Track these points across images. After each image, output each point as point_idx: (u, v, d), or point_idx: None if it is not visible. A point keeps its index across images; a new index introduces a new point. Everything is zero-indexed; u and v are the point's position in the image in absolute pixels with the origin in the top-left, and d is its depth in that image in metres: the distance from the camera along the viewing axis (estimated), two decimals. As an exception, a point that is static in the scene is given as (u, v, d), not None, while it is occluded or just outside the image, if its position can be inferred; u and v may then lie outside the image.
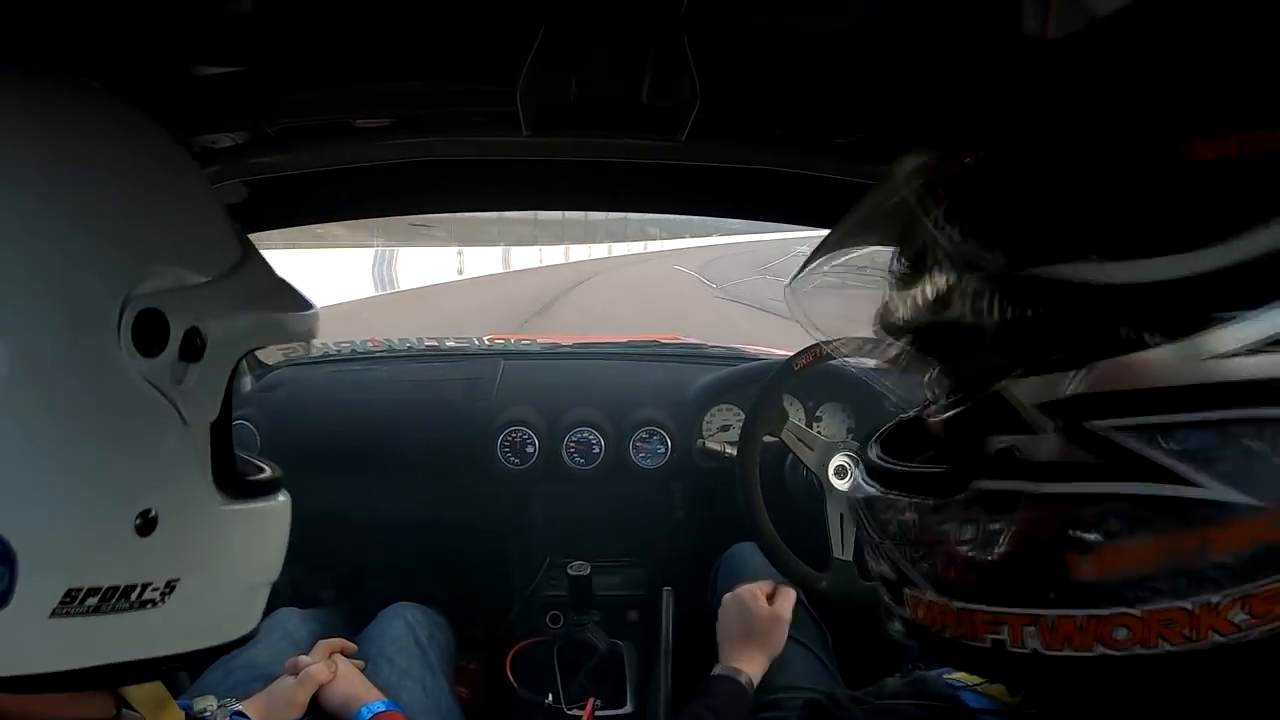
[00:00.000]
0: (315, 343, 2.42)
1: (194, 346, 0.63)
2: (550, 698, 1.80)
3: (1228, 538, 0.48)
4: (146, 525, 0.60)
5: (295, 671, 1.32)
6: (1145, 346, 0.48)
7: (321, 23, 0.96)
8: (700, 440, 2.10)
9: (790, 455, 1.86)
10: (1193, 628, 0.49)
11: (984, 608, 0.57)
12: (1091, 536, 0.51)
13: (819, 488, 1.61)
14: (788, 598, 1.49)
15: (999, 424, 0.54)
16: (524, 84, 1.03)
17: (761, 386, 1.63)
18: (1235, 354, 0.46)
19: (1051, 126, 0.57)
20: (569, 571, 1.86)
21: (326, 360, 2.37)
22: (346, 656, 1.44)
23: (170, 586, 0.63)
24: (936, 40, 0.94)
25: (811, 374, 1.67)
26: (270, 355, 2.32)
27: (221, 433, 0.68)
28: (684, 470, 2.12)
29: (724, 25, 0.96)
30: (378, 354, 2.42)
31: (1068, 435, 0.51)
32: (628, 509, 2.15)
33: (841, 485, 1.60)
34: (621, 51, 1.00)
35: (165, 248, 0.63)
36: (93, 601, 0.59)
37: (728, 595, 1.50)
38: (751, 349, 2.50)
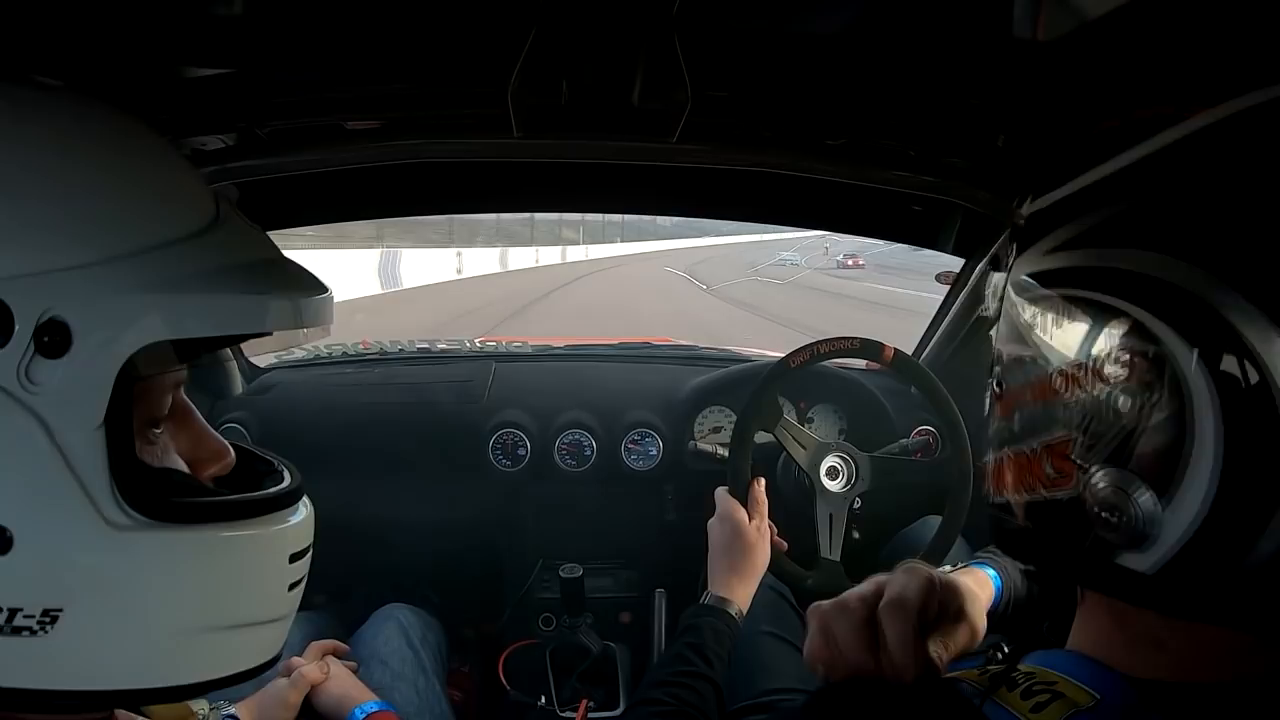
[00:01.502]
0: (306, 345, 2.41)
1: (54, 340, 0.54)
2: (543, 700, 1.80)
3: (1037, 393, 0.63)
4: (1, 544, 0.54)
5: (288, 673, 1.31)
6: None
7: (312, 25, 0.96)
8: (692, 442, 2.10)
9: (782, 456, 1.86)
10: (1031, 475, 0.63)
11: (986, 459, 0.71)
12: (998, 388, 0.69)
13: (810, 488, 1.61)
14: (761, 507, 1.48)
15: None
16: (515, 86, 1.03)
17: (757, 383, 1.63)
18: (1050, 251, 0.63)
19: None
20: (561, 574, 1.85)
21: (318, 363, 2.36)
22: (338, 658, 1.44)
23: (50, 616, 0.56)
24: (926, 43, 0.95)
25: (804, 375, 1.67)
26: (262, 358, 2.31)
27: (120, 440, 0.58)
28: (675, 472, 2.11)
29: (715, 28, 0.96)
30: (369, 356, 2.41)
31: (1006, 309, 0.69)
32: (619, 511, 2.14)
33: (833, 486, 1.60)
34: (612, 54, 1.00)
35: (11, 228, 0.55)
36: None
37: (712, 520, 1.47)
38: (743, 350, 2.51)
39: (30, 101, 0.61)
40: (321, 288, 0.68)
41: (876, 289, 26.54)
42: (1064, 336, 0.61)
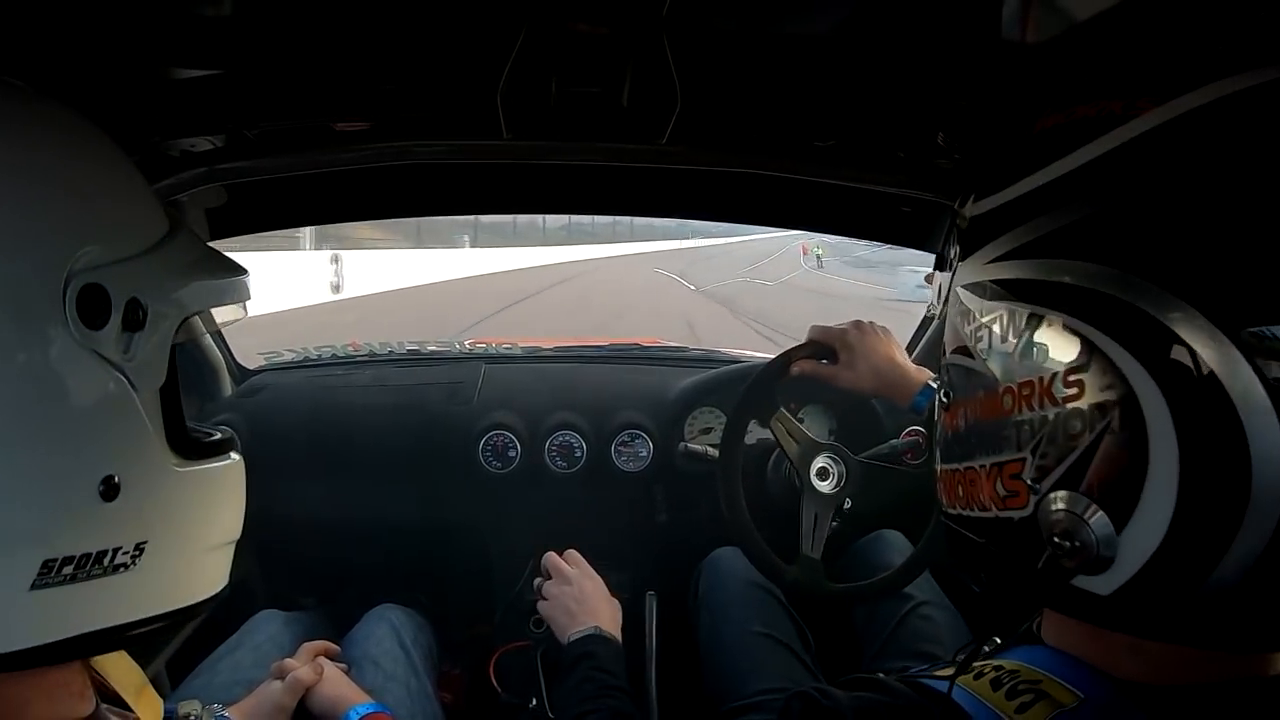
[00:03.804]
0: (296, 347, 2.41)
1: (136, 317, 0.65)
2: (534, 702, 1.79)
3: (985, 408, 0.62)
4: (110, 491, 0.63)
5: (281, 675, 1.31)
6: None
7: (301, 26, 0.95)
8: (682, 443, 2.10)
9: (774, 455, 1.87)
10: (982, 492, 0.63)
11: (938, 469, 0.72)
12: (945, 398, 0.69)
13: (798, 486, 1.61)
14: (572, 559, 1.51)
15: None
16: (504, 87, 1.03)
17: (754, 374, 1.63)
18: (994, 260, 0.62)
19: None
20: None
21: (308, 364, 2.35)
22: (330, 659, 1.43)
23: (139, 549, 0.66)
24: (915, 45, 0.95)
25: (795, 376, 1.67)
26: (251, 360, 2.30)
27: (171, 398, 0.71)
28: (666, 473, 2.11)
29: (705, 29, 0.96)
30: (359, 358, 2.40)
31: (951, 317, 0.69)
32: (610, 512, 2.13)
33: (822, 487, 1.60)
34: (602, 55, 1.00)
35: (96, 226, 0.65)
36: (69, 570, 0.61)
37: (541, 604, 1.45)
38: (732, 351, 2.51)
39: (68, 116, 0.69)
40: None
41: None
42: (1010, 352, 0.60)
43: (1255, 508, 0.49)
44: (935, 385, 1.31)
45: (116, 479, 0.64)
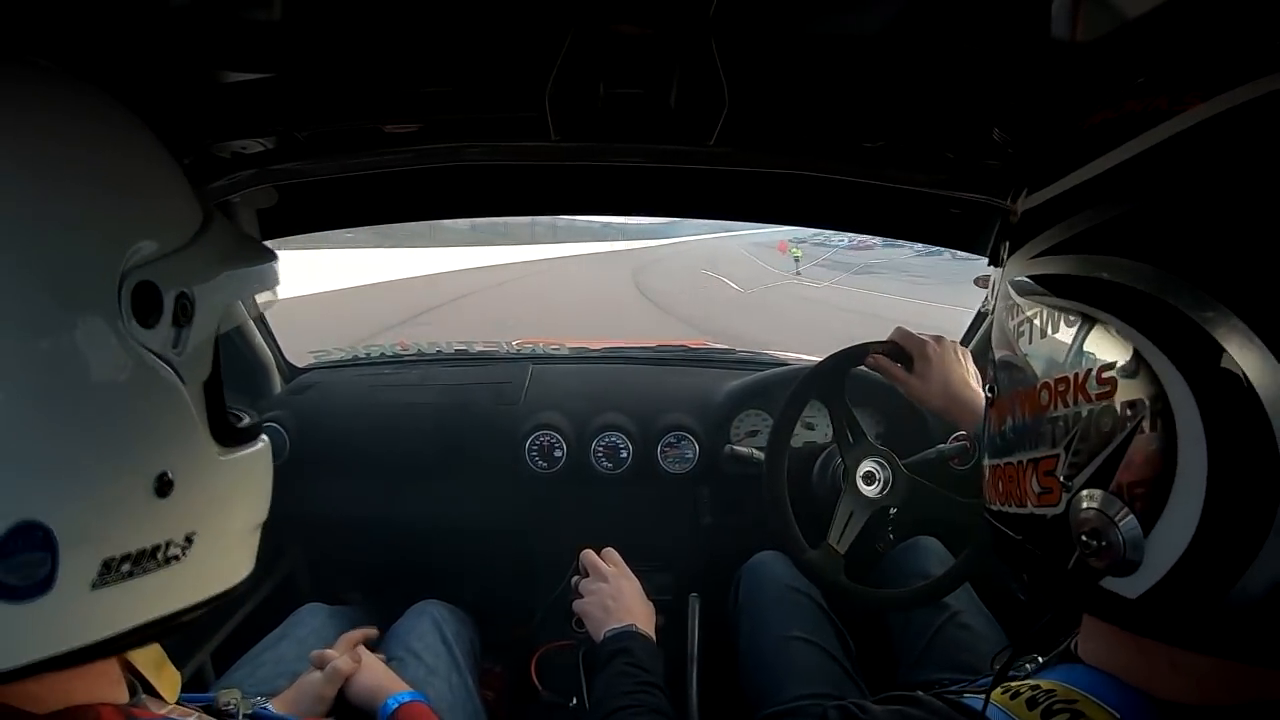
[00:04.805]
0: (345, 346, 2.44)
1: (185, 311, 0.66)
2: (575, 701, 1.80)
3: (1025, 403, 0.62)
4: (164, 487, 0.64)
5: (321, 665, 1.32)
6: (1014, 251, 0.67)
7: (350, 29, 0.96)
8: (728, 445, 2.09)
9: (820, 458, 1.86)
10: (1019, 488, 0.63)
11: (984, 465, 0.72)
12: (991, 392, 0.70)
13: (841, 483, 1.61)
14: (609, 558, 1.52)
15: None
16: (552, 89, 1.04)
17: (829, 356, 1.63)
18: (1038, 255, 0.62)
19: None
20: None
21: (356, 363, 2.39)
22: (368, 644, 1.45)
23: (189, 540, 0.67)
24: (963, 44, 0.93)
25: (841, 379, 1.66)
26: (301, 358, 2.34)
27: (214, 388, 0.71)
28: (711, 475, 2.11)
29: (752, 30, 0.95)
30: (407, 357, 2.43)
31: (997, 312, 0.70)
32: (655, 513, 2.14)
33: (868, 491, 1.59)
34: (650, 57, 1.00)
35: (146, 221, 0.65)
36: (127, 567, 0.62)
37: (578, 602, 1.46)
38: (779, 354, 2.49)
39: (106, 102, 0.68)
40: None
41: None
42: (1049, 348, 0.60)
43: None
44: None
45: (169, 475, 0.64)
